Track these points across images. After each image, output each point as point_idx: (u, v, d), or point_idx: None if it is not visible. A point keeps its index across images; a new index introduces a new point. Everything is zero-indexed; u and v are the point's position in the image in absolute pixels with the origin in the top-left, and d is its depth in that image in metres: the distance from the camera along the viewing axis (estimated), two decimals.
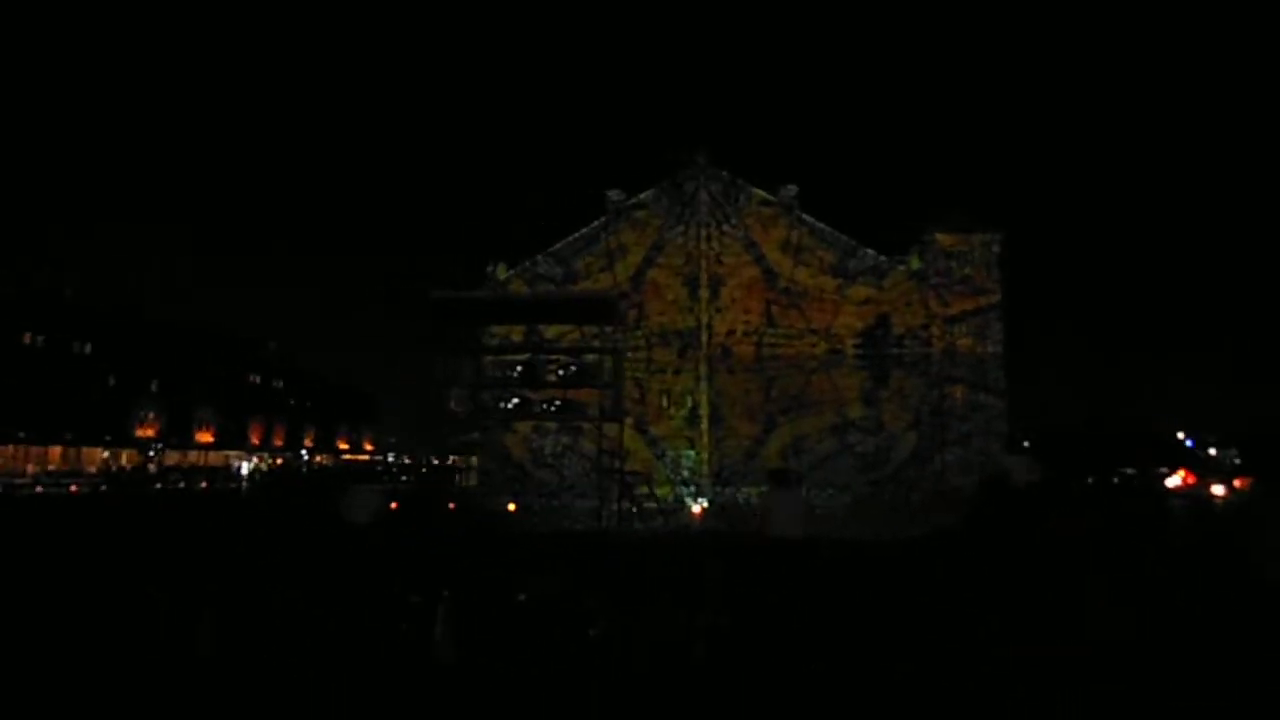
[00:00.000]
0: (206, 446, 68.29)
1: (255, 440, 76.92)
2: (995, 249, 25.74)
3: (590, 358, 21.11)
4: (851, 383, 25.59)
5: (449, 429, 24.39)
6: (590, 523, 21.32)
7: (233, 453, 71.06)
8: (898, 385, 25.47)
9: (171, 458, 61.31)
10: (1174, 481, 52.36)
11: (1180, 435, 69.39)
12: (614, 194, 26.90)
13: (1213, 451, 66.99)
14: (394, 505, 26.78)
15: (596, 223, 26.98)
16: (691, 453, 25.77)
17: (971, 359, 25.37)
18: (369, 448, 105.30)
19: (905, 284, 25.70)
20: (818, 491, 24.85)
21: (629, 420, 26.14)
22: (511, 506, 24.51)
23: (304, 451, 79.70)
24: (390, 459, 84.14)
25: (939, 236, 25.76)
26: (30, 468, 47.55)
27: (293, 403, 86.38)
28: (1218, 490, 47.19)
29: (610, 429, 21.25)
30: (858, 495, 24.66)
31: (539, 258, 27.22)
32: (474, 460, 32.04)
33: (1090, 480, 43.14)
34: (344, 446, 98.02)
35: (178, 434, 64.03)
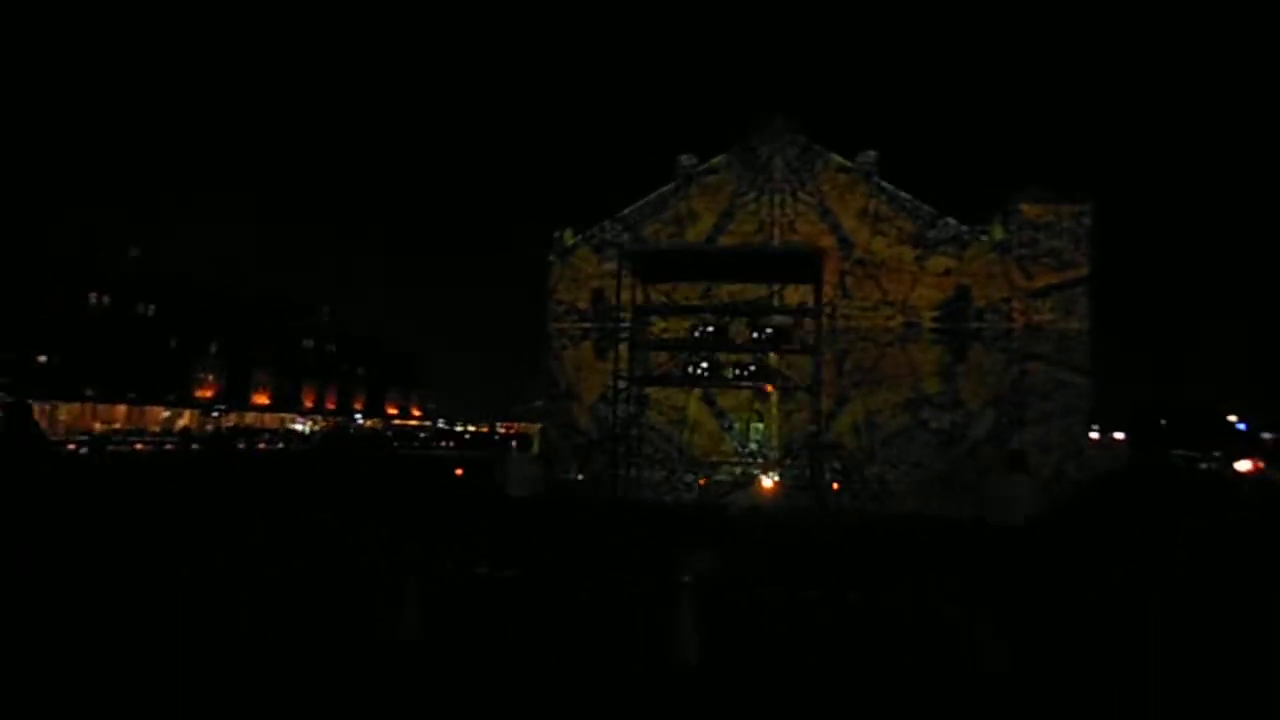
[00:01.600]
0: (263, 408, 69.44)
1: (309, 404, 78.05)
2: (1086, 221, 24.58)
3: (780, 319, 20.49)
4: (928, 357, 24.75)
5: (529, 394, 24.21)
6: (671, 495, 20.99)
7: (287, 415, 72.17)
8: (976, 361, 24.57)
9: (228, 419, 62.52)
10: (1244, 466, 50.68)
11: (1232, 418, 67.02)
12: (686, 158, 26.20)
13: (1266, 435, 64.55)
14: (459, 471, 26.77)
15: (666, 188, 26.34)
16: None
17: (1055, 335, 24.36)
18: (416, 413, 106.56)
19: (987, 255, 24.69)
20: (889, 468, 24.27)
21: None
22: (580, 476, 24.24)
23: (357, 415, 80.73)
24: (441, 424, 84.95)
25: (1025, 207, 24.66)
26: (98, 425, 48.67)
27: (345, 367, 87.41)
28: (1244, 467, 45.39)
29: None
30: (931, 473, 23.95)
31: (606, 223, 26.71)
32: (535, 430, 31.97)
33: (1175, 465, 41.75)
34: (393, 411, 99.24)
35: (235, 396, 65.15)
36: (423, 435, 67.90)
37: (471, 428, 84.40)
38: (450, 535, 11.48)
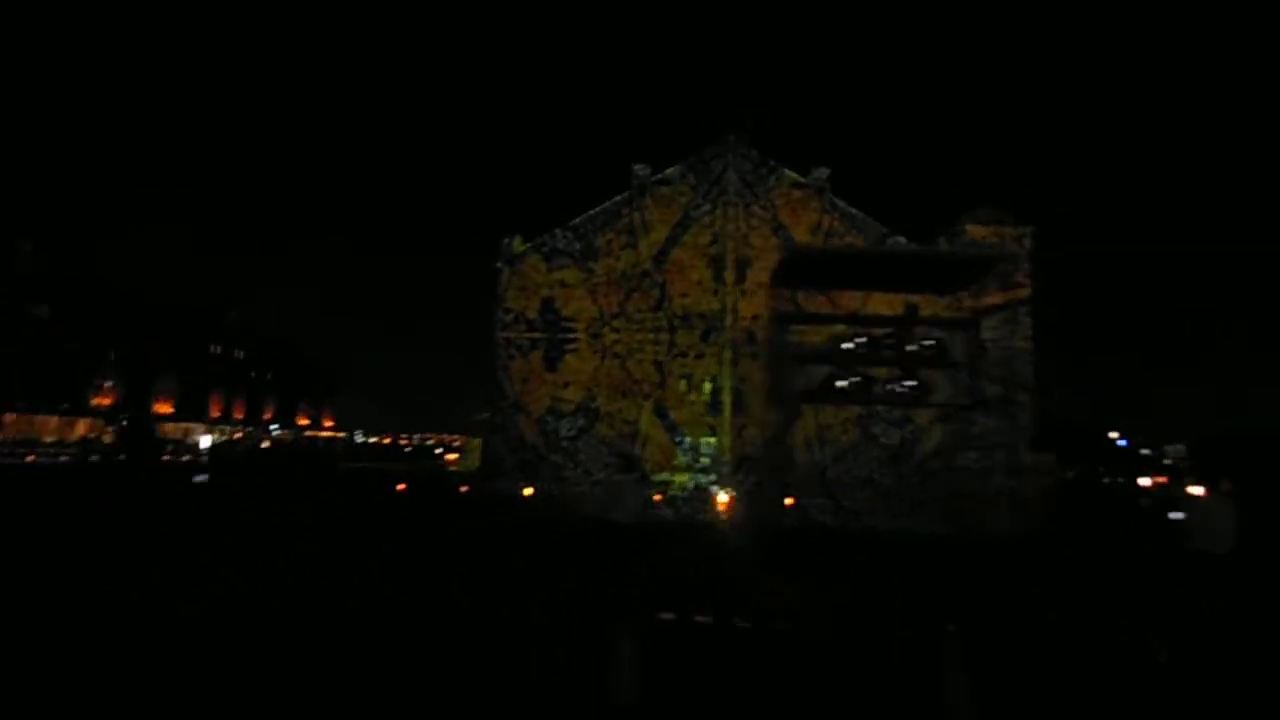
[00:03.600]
0: (166, 418, 65.52)
1: (215, 413, 74.18)
2: (1027, 243, 25.28)
3: (937, 333, 19.74)
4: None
5: (464, 409, 23.23)
6: (641, 512, 20.43)
7: (194, 425, 68.35)
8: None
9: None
10: (1145, 482, 53.50)
11: (1113, 435, 70.83)
12: (640, 168, 25.81)
13: (1145, 451, 68.50)
14: (401, 486, 25.51)
15: (620, 197, 25.89)
16: (712, 440, 24.93)
17: (1000, 353, 24.89)
18: (329, 424, 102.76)
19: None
20: (840, 486, 24.33)
21: (647, 404, 25.32)
22: (528, 491, 23.43)
23: (273, 426, 77.15)
24: (361, 437, 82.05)
25: (970, 228, 25.20)
26: None
27: (253, 374, 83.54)
28: (1196, 491, 47.95)
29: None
30: (881, 489, 24.11)
31: (558, 231, 26.05)
32: (475, 442, 30.92)
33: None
34: (304, 421, 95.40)
35: (135, 404, 61.24)
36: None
37: (401, 440, 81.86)
38: (623, 576, 10.19)
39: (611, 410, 25.08)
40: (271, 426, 77.08)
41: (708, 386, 25.06)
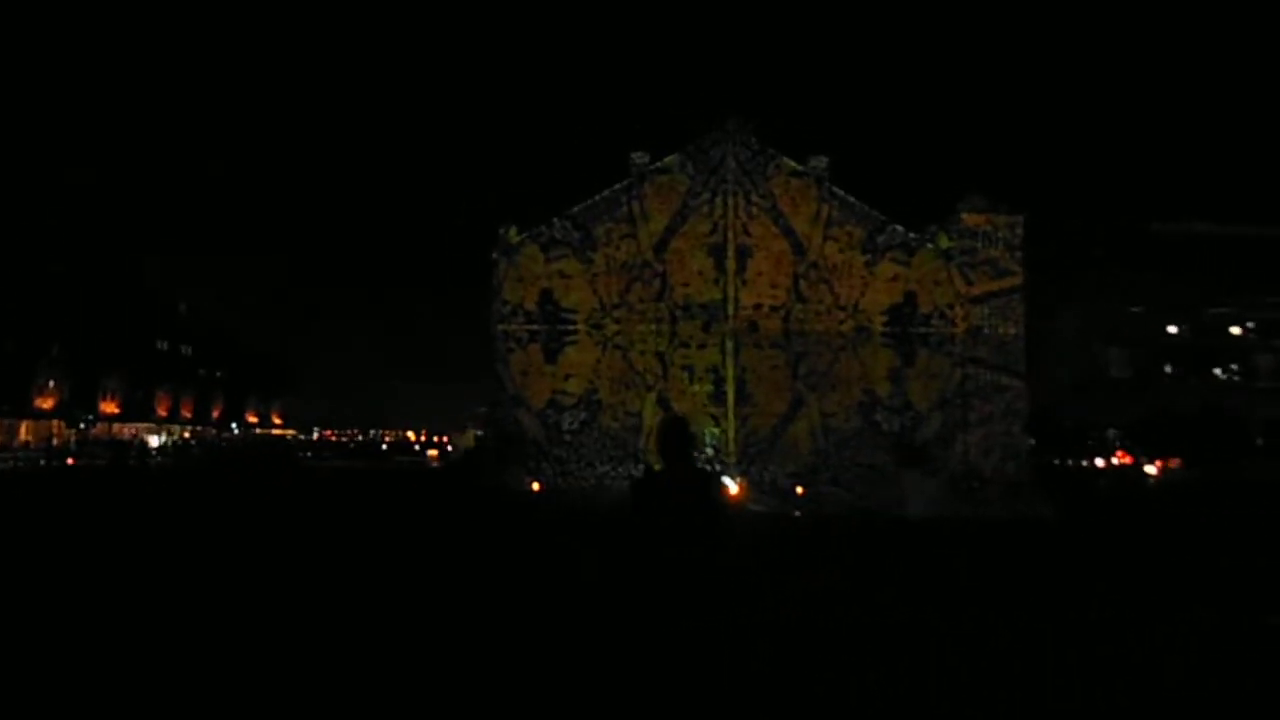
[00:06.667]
0: (112, 418, 62.82)
1: (162, 412, 71.41)
2: (1019, 231, 25.76)
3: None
4: (879, 360, 25.16)
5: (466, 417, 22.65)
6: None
7: (141, 425, 65.74)
8: (925, 364, 25.21)
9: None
10: (1100, 463, 55.36)
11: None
12: (638, 156, 25.49)
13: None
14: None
15: (618, 185, 25.54)
16: (716, 430, 24.84)
17: (994, 340, 25.35)
18: (278, 420, 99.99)
19: (933, 262, 25.39)
20: (844, 472, 24.46)
21: (650, 395, 25.10)
22: (536, 486, 23.00)
23: (233, 425, 74.64)
24: (318, 434, 79.93)
25: (965, 216, 25.57)
26: None
27: (201, 371, 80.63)
28: (1151, 470, 49.92)
29: None
30: (885, 474, 24.32)
31: (555, 221, 25.59)
32: (466, 436, 30.35)
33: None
34: (253, 419, 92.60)
35: (81, 404, 58.53)
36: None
37: (355, 436, 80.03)
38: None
39: (614, 402, 24.81)
40: (233, 426, 74.63)
41: (710, 377, 24.90)
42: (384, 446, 65.96)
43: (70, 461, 40.37)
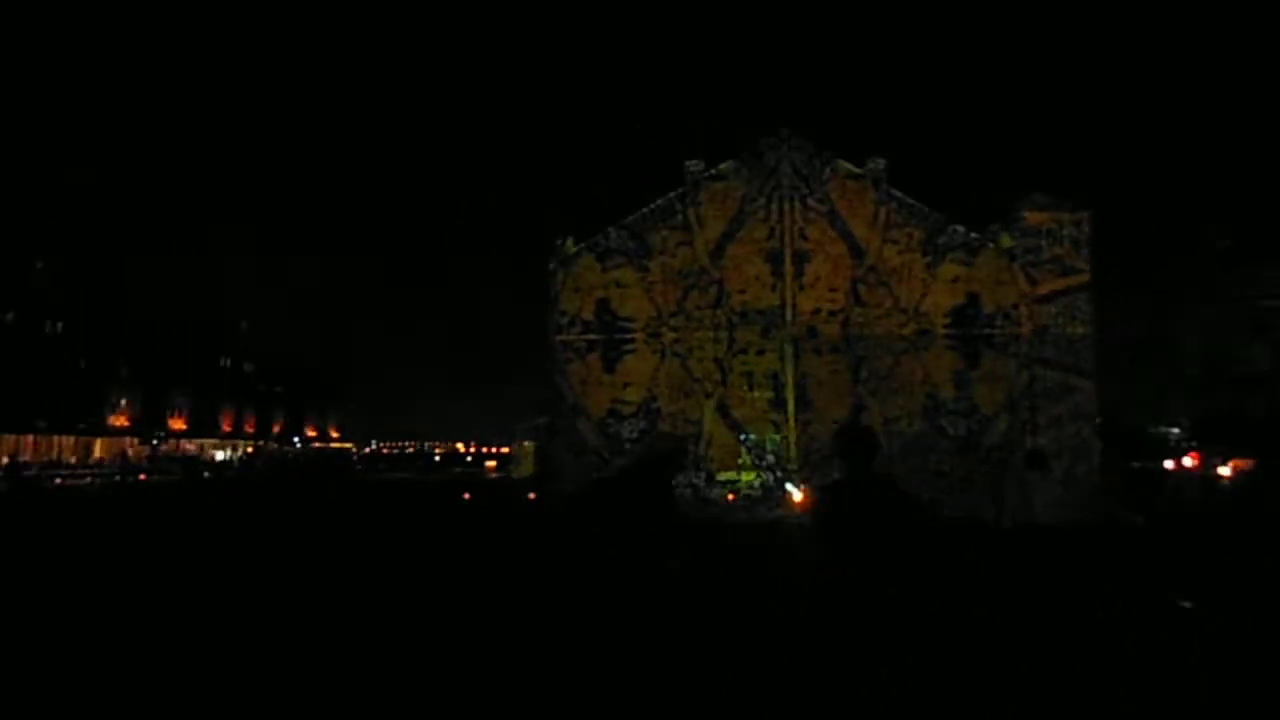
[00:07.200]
0: (179, 434, 64.80)
1: (227, 427, 73.46)
2: (1085, 228, 25.10)
3: None
4: (942, 364, 24.70)
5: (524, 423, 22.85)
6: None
7: (208, 441, 67.67)
8: (989, 366, 24.68)
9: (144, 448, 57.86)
10: (1169, 465, 53.57)
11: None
12: (693, 164, 25.51)
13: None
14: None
15: (673, 194, 25.57)
16: (776, 436, 24.64)
17: (1061, 340, 24.72)
18: (334, 434, 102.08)
19: (996, 262, 24.89)
20: (909, 477, 24.03)
21: (709, 403, 25.00)
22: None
23: (295, 439, 76.46)
24: (372, 447, 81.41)
25: (1028, 214, 25.00)
26: (4, 459, 44.03)
27: (261, 388, 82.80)
28: (1224, 471, 48.02)
29: None
30: (953, 479, 23.85)
31: (610, 230, 25.71)
32: (526, 447, 30.55)
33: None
34: (312, 433, 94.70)
35: (150, 421, 60.50)
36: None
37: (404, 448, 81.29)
38: None
39: (673, 410, 24.77)
40: (295, 439, 76.42)
41: (770, 383, 24.73)
42: (435, 458, 66.73)
43: (142, 477, 41.73)
